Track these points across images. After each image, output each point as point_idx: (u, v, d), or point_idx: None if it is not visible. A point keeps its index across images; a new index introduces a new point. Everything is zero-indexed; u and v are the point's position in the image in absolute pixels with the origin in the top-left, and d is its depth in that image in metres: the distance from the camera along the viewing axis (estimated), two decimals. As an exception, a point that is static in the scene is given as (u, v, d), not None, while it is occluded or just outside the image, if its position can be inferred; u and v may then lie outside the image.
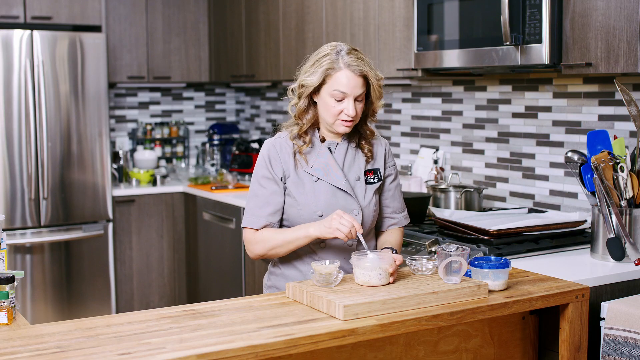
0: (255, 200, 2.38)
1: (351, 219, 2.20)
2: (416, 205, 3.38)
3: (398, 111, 4.32)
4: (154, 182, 5.19)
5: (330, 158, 2.37)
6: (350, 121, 2.32)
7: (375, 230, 2.51)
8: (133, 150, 5.55)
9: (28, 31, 4.55)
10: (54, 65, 4.63)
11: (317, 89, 2.32)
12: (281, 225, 2.41)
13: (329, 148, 2.39)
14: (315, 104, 2.36)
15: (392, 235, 2.50)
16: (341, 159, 2.39)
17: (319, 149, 2.38)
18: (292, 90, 2.39)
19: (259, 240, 2.35)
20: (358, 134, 2.42)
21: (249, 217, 2.37)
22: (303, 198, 2.35)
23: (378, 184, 2.43)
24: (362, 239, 2.24)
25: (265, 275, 2.53)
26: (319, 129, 2.41)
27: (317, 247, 2.37)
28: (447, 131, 3.99)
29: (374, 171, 2.43)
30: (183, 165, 5.77)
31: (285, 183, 2.37)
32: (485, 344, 2.25)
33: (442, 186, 3.59)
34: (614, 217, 2.63)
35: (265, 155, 2.38)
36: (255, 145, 5.25)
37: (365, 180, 2.41)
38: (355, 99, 2.30)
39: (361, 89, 2.29)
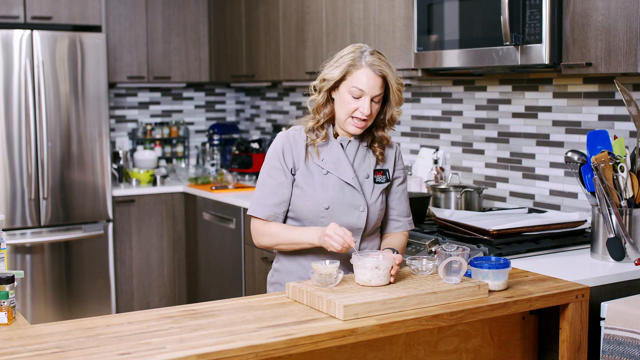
0: (262, 189, 2.42)
1: (343, 234, 2.21)
2: (416, 205, 3.38)
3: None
4: (154, 182, 5.19)
5: (342, 153, 2.40)
6: (363, 121, 2.34)
7: (380, 232, 2.53)
8: (133, 150, 5.55)
9: (28, 31, 4.55)
10: (54, 65, 4.63)
11: (336, 85, 2.35)
12: (287, 216, 2.44)
13: (341, 144, 2.42)
14: (333, 100, 2.39)
15: (395, 238, 2.51)
16: (352, 155, 2.42)
17: (331, 143, 2.42)
18: (313, 87, 2.43)
19: (266, 233, 2.40)
20: (371, 136, 2.45)
21: (255, 206, 2.42)
22: (311, 190, 2.37)
23: (386, 185, 2.46)
24: (356, 251, 2.25)
25: (269, 273, 2.55)
26: (333, 125, 2.44)
27: None
28: (447, 131, 3.99)
29: (383, 172, 2.46)
30: (183, 165, 5.77)
31: (294, 175, 2.40)
32: (485, 344, 2.25)
33: (442, 186, 3.59)
34: (614, 217, 2.63)
35: (279, 146, 2.42)
36: (255, 145, 5.25)
37: (374, 179, 2.44)
38: (372, 100, 2.32)
39: (379, 89, 2.32)
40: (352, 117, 2.34)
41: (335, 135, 2.44)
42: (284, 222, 2.45)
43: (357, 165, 2.42)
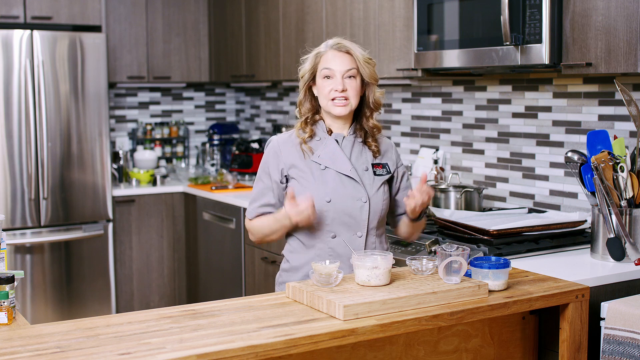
0: (253, 193, 2.54)
1: (299, 203, 2.30)
2: (416, 205, 3.38)
3: (398, 111, 4.32)
4: (154, 182, 5.19)
5: (337, 148, 2.45)
6: (343, 99, 2.39)
7: (385, 229, 2.55)
8: (133, 150, 5.55)
9: (28, 31, 4.55)
10: (54, 65, 4.63)
11: (312, 79, 2.46)
12: None
13: (336, 140, 2.46)
14: (316, 98, 2.47)
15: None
16: (348, 150, 2.46)
17: (326, 140, 2.46)
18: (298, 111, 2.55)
19: (251, 229, 2.53)
20: (364, 130, 2.49)
21: (248, 208, 2.54)
22: (311, 186, 2.42)
23: (386, 177, 2.49)
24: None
25: (278, 273, 2.59)
26: (325, 121, 2.49)
27: (327, 239, 2.42)
28: (447, 131, 3.99)
29: (382, 165, 2.50)
30: (183, 165, 5.77)
31: (287, 176, 2.46)
32: (485, 344, 2.25)
33: (442, 186, 3.59)
34: (614, 217, 2.63)
35: (267, 151, 2.51)
36: (255, 145, 5.25)
37: (374, 172, 2.47)
38: (345, 76, 2.39)
39: (348, 64, 2.41)
40: (332, 99, 2.40)
41: (330, 133, 2.48)
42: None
43: (355, 160, 2.46)
